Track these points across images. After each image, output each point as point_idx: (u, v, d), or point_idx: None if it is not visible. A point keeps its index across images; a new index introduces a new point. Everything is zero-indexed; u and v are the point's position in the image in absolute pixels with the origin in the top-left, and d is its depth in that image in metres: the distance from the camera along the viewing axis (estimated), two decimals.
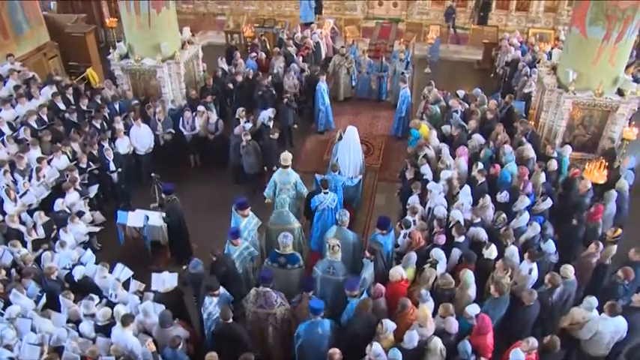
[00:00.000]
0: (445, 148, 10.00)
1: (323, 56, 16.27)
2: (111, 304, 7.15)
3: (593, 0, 9.65)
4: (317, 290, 7.34)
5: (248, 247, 7.88)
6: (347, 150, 10.33)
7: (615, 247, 8.07)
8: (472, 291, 7.09)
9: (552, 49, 13.61)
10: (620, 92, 10.37)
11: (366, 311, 6.56)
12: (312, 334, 6.47)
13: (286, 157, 9.21)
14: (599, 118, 10.66)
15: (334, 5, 20.02)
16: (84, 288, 7.57)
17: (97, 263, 8.04)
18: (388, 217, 8.10)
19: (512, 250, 7.64)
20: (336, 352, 5.92)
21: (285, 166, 9.19)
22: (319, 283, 7.42)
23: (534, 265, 7.38)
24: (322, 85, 12.75)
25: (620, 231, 8.20)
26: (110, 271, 7.85)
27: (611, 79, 10.28)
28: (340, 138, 10.63)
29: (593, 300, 6.89)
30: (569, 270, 7.25)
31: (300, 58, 14.30)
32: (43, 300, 7.28)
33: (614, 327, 6.68)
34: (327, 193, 8.82)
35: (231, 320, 6.52)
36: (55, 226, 8.68)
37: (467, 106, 11.70)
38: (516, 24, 18.68)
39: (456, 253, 7.71)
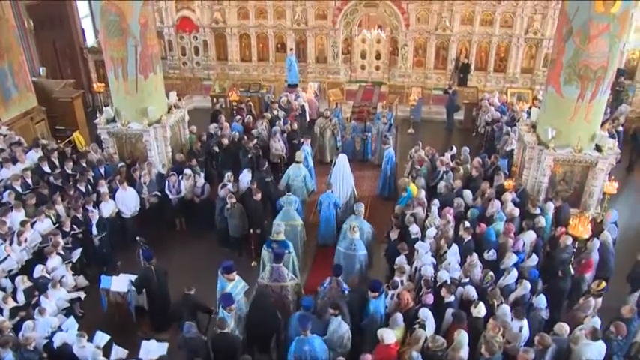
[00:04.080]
0: (434, 207, 10.07)
1: (307, 119, 16.59)
2: None
3: (565, 61, 10.07)
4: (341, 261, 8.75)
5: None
6: (339, 176, 11.52)
7: (600, 299, 8.06)
8: (464, 352, 6.95)
9: (530, 108, 14.06)
10: (598, 148, 10.64)
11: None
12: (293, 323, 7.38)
13: (299, 154, 11.75)
14: (580, 174, 10.89)
15: (318, 69, 20.61)
16: (63, 356, 7.29)
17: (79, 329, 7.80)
18: (380, 280, 8.03)
19: (505, 309, 7.56)
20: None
21: (298, 162, 11.53)
22: (343, 260, 8.89)
23: (524, 323, 7.31)
24: (306, 149, 12.89)
25: (604, 284, 8.20)
26: (91, 339, 7.60)
27: (589, 136, 10.58)
28: (335, 165, 11.83)
29: (596, 320, 7.25)
30: (563, 328, 7.20)
31: (289, 122, 14.50)
32: None
33: (597, 350, 6.94)
34: (289, 195, 10.40)
35: (226, 330, 7.09)
36: (36, 292, 8.43)
37: (451, 165, 11.91)
38: (495, 84, 19.30)
39: (449, 313, 7.61)
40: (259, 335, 7.76)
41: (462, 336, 6.97)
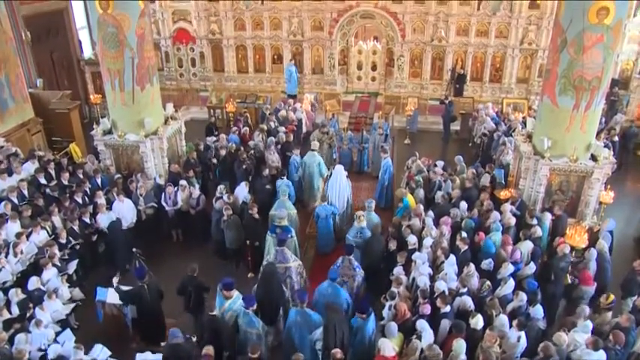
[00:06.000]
0: (429, 219, 10.07)
1: (304, 130, 16.62)
2: None
3: (560, 72, 10.14)
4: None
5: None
6: (335, 186, 11.56)
7: (610, 313, 8.02)
8: None
9: (524, 118, 14.09)
10: (594, 158, 10.69)
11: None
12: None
13: (315, 143, 13.00)
14: (576, 183, 10.91)
15: (314, 80, 20.70)
16: None
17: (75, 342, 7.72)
18: (367, 302, 7.94)
19: (503, 320, 7.55)
20: (337, 351, 6.79)
21: (314, 150, 12.59)
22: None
23: (522, 333, 7.28)
24: (296, 159, 12.94)
25: (612, 297, 8.16)
26: (86, 352, 7.53)
27: (584, 146, 10.62)
28: (331, 175, 12.02)
29: (587, 323, 7.37)
30: (562, 338, 7.19)
31: (285, 134, 14.50)
32: None
33: (597, 359, 6.99)
34: (282, 178, 11.56)
35: (215, 313, 7.63)
36: (30, 305, 8.36)
37: (447, 176, 11.94)
38: (491, 95, 19.42)
39: (445, 323, 7.59)
40: (267, 309, 8.11)
41: (460, 344, 6.95)
